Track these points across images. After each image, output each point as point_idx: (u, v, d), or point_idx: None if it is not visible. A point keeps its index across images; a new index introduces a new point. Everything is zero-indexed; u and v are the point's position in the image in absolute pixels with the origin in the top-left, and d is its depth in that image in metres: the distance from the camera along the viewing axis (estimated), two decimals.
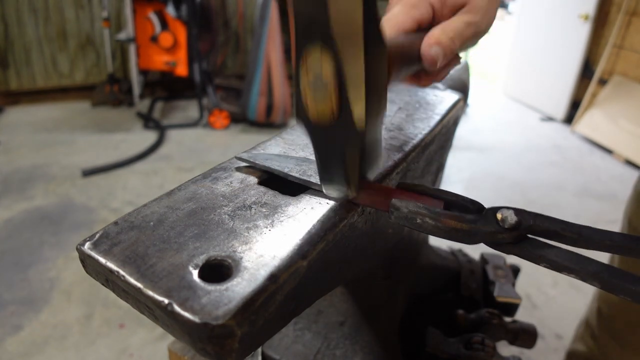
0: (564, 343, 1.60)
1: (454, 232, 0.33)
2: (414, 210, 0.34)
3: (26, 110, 3.56)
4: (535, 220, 0.32)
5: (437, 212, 0.33)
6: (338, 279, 0.42)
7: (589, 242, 0.31)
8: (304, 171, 0.41)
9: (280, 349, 0.61)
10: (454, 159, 3.04)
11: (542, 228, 0.32)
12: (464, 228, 0.32)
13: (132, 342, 1.50)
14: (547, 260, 0.31)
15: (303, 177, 0.40)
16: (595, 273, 0.29)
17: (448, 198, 0.36)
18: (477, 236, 0.32)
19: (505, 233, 0.31)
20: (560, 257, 0.30)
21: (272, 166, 0.42)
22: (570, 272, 0.30)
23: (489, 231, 0.32)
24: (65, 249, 1.92)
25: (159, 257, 0.32)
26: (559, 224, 0.32)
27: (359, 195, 0.38)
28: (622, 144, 3.32)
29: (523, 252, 0.32)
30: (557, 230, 0.31)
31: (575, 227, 0.31)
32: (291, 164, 0.43)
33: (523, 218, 0.32)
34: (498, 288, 0.78)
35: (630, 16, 3.44)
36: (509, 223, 0.31)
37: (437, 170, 0.71)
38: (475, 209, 0.34)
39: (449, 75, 0.87)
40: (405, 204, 0.34)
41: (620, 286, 0.28)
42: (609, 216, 2.53)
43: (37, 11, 3.46)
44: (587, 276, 0.30)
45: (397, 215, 0.35)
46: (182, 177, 2.57)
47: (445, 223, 0.33)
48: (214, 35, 3.84)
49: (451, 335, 0.65)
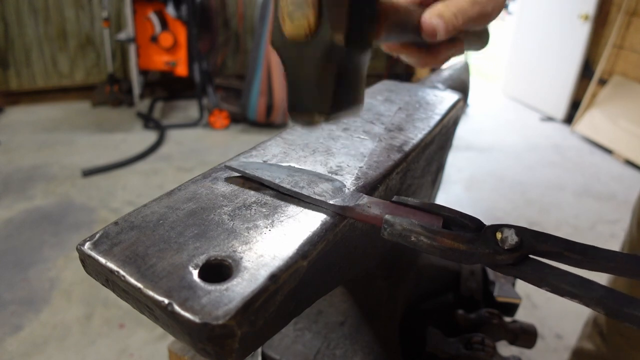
0: (564, 343, 1.60)
1: (450, 251, 0.31)
2: (409, 228, 0.32)
3: (26, 110, 3.56)
4: (538, 240, 0.30)
5: (433, 230, 0.32)
6: (338, 279, 0.42)
7: (593, 263, 0.30)
8: (295, 182, 0.40)
9: (280, 349, 0.61)
10: (454, 159, 3.04)
11: (544, 248, 0.30)
12: (460, 248, 0.31)
13: (132, 342, 1.50)
14: (549, 284, 0.29)
15: (295, 188, 0.39)
16: (599, 299, 0.28)
17: (446, 214, 0.34)
18: (474, 257, 0.31)
19: (504, 254, 0.30)
20: (563, 281, 0.29)
21: (263, 176, 0.41)
22: (573, 297, 0.29)
23: (487, 252, 0.30)
24: (65, 249, 1.92)
25: (159, 257, 0.32)
26: (563, 243, 0.30)
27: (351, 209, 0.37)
28: (622, 144, 3.32)
29: (523, 274, 0.30)
30: (560, 251, 0.30)
31: (578, 247, 0.30)
32: (283, 174, 0.42)
33: (524, 238, 0.30)
34: (498, 288, 0.78)
35: (630, 16, 3.44)
36: (509, 244, 0.30)
37: (437, 170, 0.71)
38: (474, 227, 0.33)
39: (448, 75, 0.88)
40: (400, 220, 0.33)
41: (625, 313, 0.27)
42: (608, 216, 2.53)
43: (37, 11, 3.46)
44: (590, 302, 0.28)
45: (391, 232, 0.33)
46: (182, 177, 2.57)
47: (441, 242, 0.31)
48: (214, 35, 3.84)
49: (451, 335, 0.65)
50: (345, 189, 0.40)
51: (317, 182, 0.41)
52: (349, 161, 0.47)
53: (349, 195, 0.39)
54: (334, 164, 0.46)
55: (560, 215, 2.51)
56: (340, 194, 0.39)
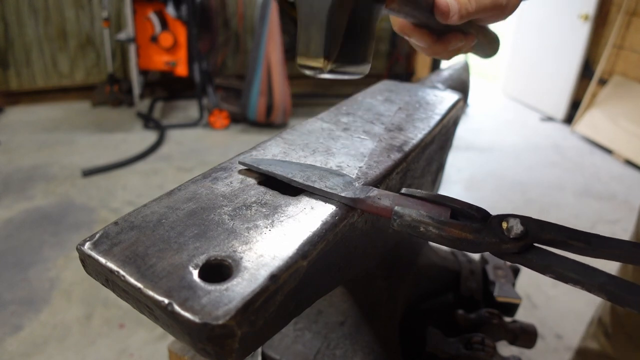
0: (564, 343, 1.60)
1: (458, 241, 0.32)
2: (418, 219, 0.33)
3: (26, 110, 3.56)
4: (542, 229, 0.31)
5: (441, 221, 0.33)
6: (338, 279, 0.42)
7: (597, 251, 0.30)
8: (307, 177, 0.41)
9: (280, 349, 0.61)
10: (454, 159, 3.04)
11: (549, 237, 0.31)
12: (468, 238, 0.32)
13: (132, 342, 1.50)
14: (553, 271, 0.30)
15: (307, 182, 0.40)
16: (601, 285, 0.29)
17: (453, 206, 0.35)
18: (481, 246, 0.32)
19: (510, 243, 0.31)
20: (566, 268, 0.30)
21: (276, 171, 0.42)
22: (576, 284, 0.30)
23: (494, 241, 0.31)
24: (65, 249, 1.92)
25: (159, 257, 0.32)
26: (567, 232, 0.31)
27: (361, 201, 0.37)
28: (622, 144, 3.32)
29: (528, 262, 0.31)
30: (564, 240, 0.31)
31: (583, 236, 0.31)
32: (295, 170, 0.43)
33: (529, 227, 0.31)
34: (498, 288, 0.78)
35: (630, 16, 3.44)
36: (515, 233, 0.31)
37: (437, 170, 0.71)
38: (480, 217, 0.34)
39: (448, 75, 0.88)
40: (409, 211, 0.34)
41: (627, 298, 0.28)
42: (609, 216, 2.53)
43: (37, 11, 3.46)
44: (593, 288, 0.29)
45: (400, 223, 0.34)
46: (182, 177, 2.57)
47: (449, 232, 0.32)
48: (214, 35, 3.84)
49: (451, 335, 0.65)
50: (355, 183, 0.41)
51: (328, 176, 0.42)
52: (349, 161, 0.47)
53: (359, 188, 0.40)
54: (334, 164, 0.46)
55: (560, 215, 2.51)
56: (351, 187, 0.40)
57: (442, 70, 0.91)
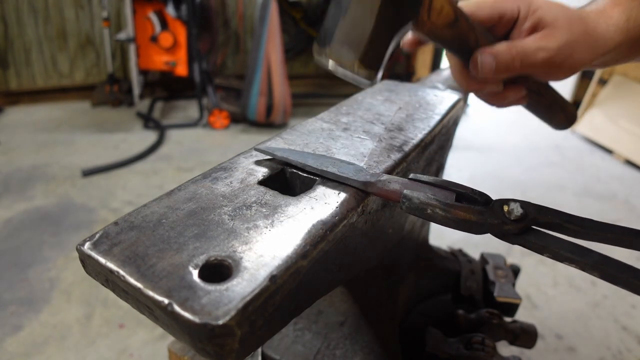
0: (564, 343, 1.60)
1: (463, 223, 0.34)
2: (425, 201, 0.35)
3: (26, 110, 3.56)
4: (540, 213, 0.33)
5: (447, 203, 0.35)
6: (338, 279, 0.42)
7: (591, 234, 0.32)
8: (321, 163, 0.43)
9: (280, 349, 0.61)
10: (454, 159, 3.04)
11: (546, 220, 0.33)
12: (472, 219, 0.34)
13: (132, 342, 1.50)
14: (550, 251, 0.32)
15: (321, 167, 0.42)
16: (594, 264, 0.30)
17: (458, 190, 0.37)
18: (484, 227, 0.34)
19: (511, 224, 0.33)
20: (562, 248, 0.32)
21: (291, 157, 0.44)
22: (571, 262, 0.32)
23: (496, 223, 0.33)
24: (65, 249, 1.92)
25: (159, 257, 0.32)
26: (563, 216, 0.33)
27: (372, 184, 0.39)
28: (622, 144, 3.32)
29: (527, 242, 0.33)
30: (560, 223, 0.33)
31: (578, 220, 0.33)
32: (308, 158, 0.45)
33: (528, 210, 0.33)
34: (498, 288, 0.78)
35: None
36: (515, 215, 0.33)
37: (437, 170, 0.71)
38: (483, 201, 0.36)
39: (448, 75, 0.87)
40: (417, 194, 0.36)
41: (619, 277, 0.30)
42: (609, 216, 2.53)
43: (37, 11, 3.46)
44: (587, 266, 0.31)
45: (409, 205, 0.36)
46: (182, 177, 2.57)
47: (454, 214, 0.34)
48: (214, 35, 3.84)
49: (451, 335, 0.65)
50: (365, 170, 0.43)
51: (340, 164, 0.44)
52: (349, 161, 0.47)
53: (369, 174, 0.42)
54: None
55: None
56: (362, 173, 0.42)
57: (442, 70, 0.91)
